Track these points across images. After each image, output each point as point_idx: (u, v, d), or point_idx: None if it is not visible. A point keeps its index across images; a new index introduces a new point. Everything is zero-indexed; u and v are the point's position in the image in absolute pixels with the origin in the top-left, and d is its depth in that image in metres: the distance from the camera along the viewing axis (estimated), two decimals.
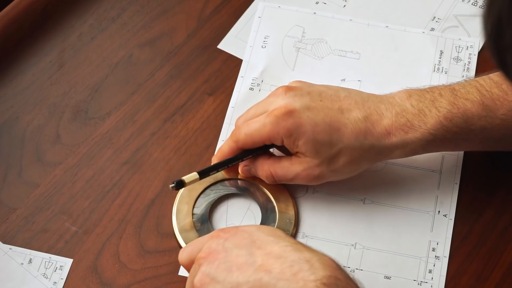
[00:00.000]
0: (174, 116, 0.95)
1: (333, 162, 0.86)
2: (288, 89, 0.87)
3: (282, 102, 0.86)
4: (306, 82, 0.89)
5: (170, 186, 0.86)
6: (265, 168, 0.88)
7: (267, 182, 0.89)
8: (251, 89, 0.97)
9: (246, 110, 0.90)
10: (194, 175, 0.87)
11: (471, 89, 0.86)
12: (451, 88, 0.87)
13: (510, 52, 0.56)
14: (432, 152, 0.89)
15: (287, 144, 0.86)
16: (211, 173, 0.88)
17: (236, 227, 0.79)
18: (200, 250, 0.78)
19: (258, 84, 0.97)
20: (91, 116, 0.95)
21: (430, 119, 0.85)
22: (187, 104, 0.96)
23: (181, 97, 0.96)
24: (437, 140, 0.86)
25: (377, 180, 0.91)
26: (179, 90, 0.97)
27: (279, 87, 0.88)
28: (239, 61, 0.98)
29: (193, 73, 0.98)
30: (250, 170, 0.89)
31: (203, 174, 0.87)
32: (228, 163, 0.88)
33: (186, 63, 0.99)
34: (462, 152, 0.93)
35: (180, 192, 0.89)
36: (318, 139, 0.85)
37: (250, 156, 0.89)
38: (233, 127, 0.93)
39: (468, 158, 0.93)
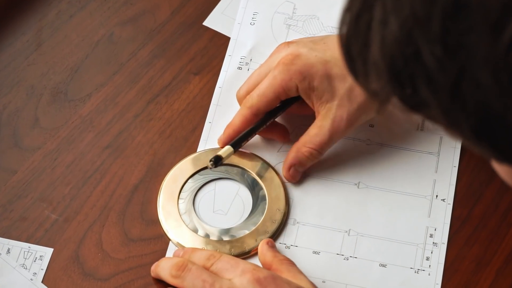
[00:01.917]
0: (158, 97, 0.94)
1: (353, 96, 0.86)
2: (290, 42, 0.89)
3: (286, 52, 0.87)
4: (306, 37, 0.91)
5: (209, 164, 0.86)
6: (303, 151, 0.88)
7: (316, 160, 0.88)
8: (239, 68, 0.96)
9: (248, 77, 0.91)
10: (228, 148, 0.87)
11: None
12: None
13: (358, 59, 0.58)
14: None
15: (302, 89, 0.86)
16: (242, 143, 0.88)
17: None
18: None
19: (247, 63, 0.96)
20: (70, 98, 0.94)
21: None
22: (172, 85, 0.95)
23: (165, 77, 0.96)
24: None
25: (371, 163, 0.91)
26: (163, 70, 0.96)
27: (280, 44, 0.90)
28: (226, 39, 0.98)
29: (178, 51, 0.97)
30: (297, 169, 0.88)
31: (236, 145, 0.88)
32: (256, 129, 0.89)
33: (170, 42, 0.98)
34: None
35: (167, 178, 0.89)
36: (332, 73, 0.86)
37: (273, 119, 0.89)
38: (220, 108, 0.93)
39: None
